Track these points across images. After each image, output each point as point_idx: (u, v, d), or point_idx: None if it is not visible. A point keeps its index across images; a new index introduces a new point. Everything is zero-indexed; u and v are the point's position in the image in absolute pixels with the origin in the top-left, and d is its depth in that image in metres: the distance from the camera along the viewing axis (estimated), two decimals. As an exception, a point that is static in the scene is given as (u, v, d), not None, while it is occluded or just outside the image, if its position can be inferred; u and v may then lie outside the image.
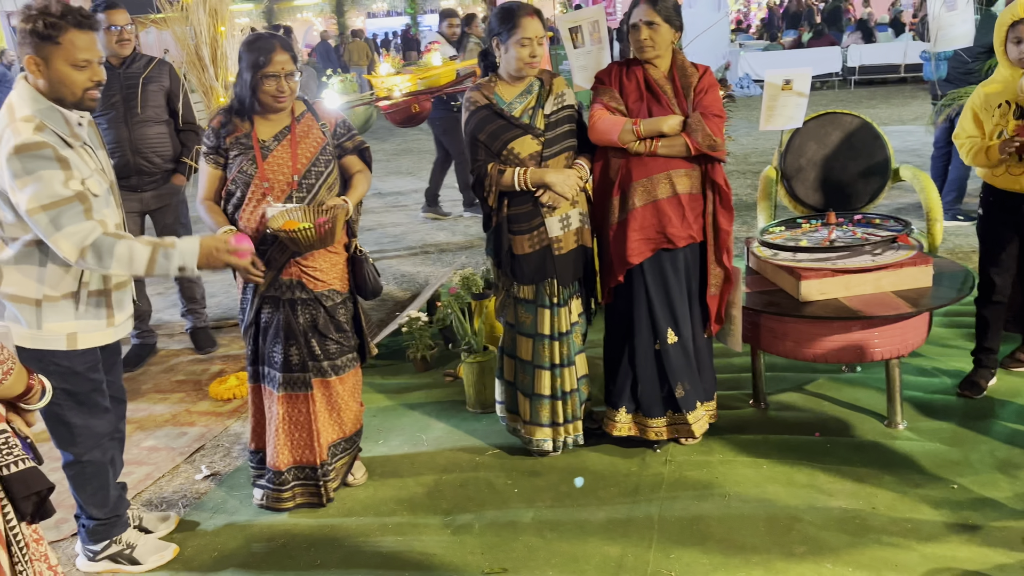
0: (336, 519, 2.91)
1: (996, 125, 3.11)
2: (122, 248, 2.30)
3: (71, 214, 2.25)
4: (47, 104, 2.31)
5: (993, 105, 3.13)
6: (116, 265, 2.31)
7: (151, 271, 2.35)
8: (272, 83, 2.68)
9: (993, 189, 3.23)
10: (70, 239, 2.25)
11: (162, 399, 4.06)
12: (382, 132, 12.51)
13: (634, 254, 2.97)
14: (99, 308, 2.47)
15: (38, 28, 2.23)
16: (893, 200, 6.57)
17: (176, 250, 2.38)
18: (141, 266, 2.34)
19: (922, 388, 3.50)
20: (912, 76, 14.04)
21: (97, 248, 2.27)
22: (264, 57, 2.65)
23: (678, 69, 2.97)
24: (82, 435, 2.54)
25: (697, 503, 2.82)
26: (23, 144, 2.21)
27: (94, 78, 2.33)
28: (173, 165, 4.28)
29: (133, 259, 2.33)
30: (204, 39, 3.53)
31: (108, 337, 2.52)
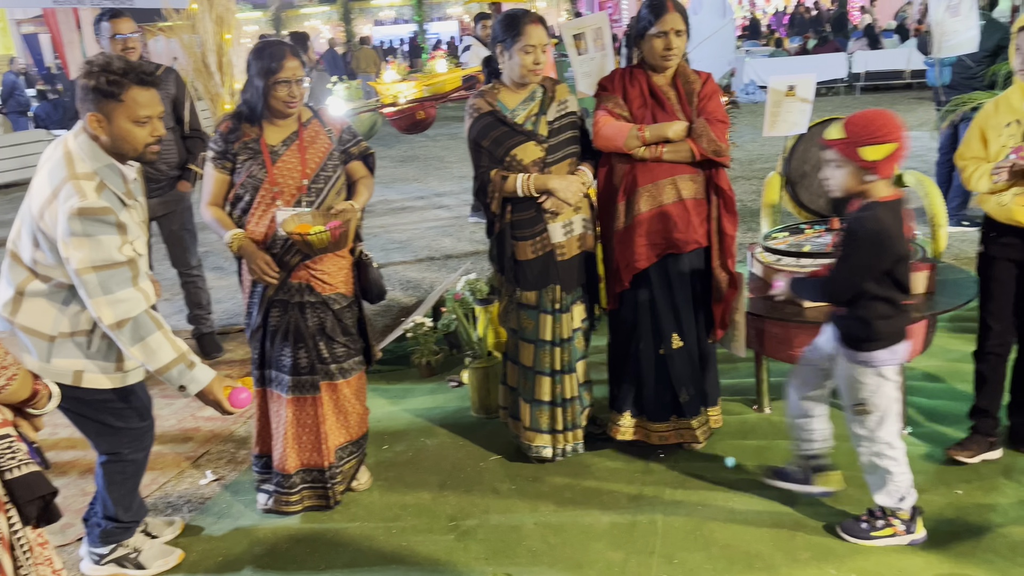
0: (341, 523, 2.92)
1: (1003, 147, 2.75)
2: (154, 341, 2.30)
3: (120, 279, 2.27)
4: (108, 161, 2.32)
5: (1001, 124, 2.77)
6: (139, 352, 2.30)
7: (159, 374, 2.34)
8: (284, 89, 2.71)
9: (994, 223, 2.85)
10: (114, 307, 2.26)
11: (168, 404, 4.07)
12: (388, 139, 12.55)
13: (640, 259, 2.98)
14: (109, 351, 2.45)
15: (100, 85, 2.23)
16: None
17: (191, 374, 2.37)
18: (157, 365, 2.33)
19: (926, 393, 3.49)
20: (917, 82, 14.03)
21: (136, 327, 2.28)
22: (276, 63, 2.69)
23: (681, 76, 2.99)
24: (126, 435, 2.57)
25: (701, 508, 2.82)
26: (88, 208, 2.22)
27: (155, 133, 2.34)
28: (178, 172, 4.30)
29: (156, 354, 2.31)
30: (210, 47, 3.57)
31: (115, 382, 2.49)
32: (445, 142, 12.74)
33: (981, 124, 2.85)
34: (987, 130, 2.82)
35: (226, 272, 6.40)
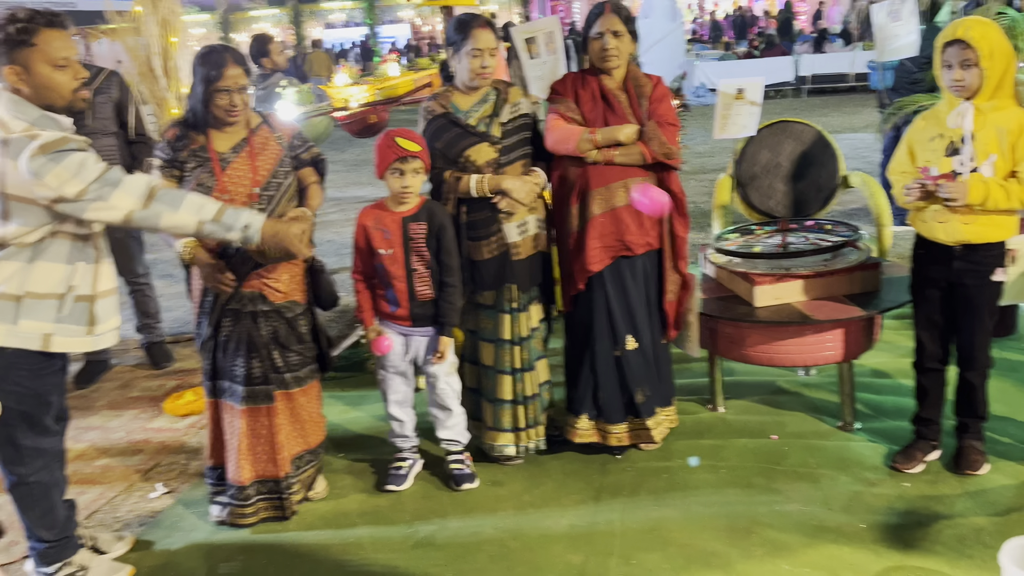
0: (297, 534, 2.87)
1: (926, 162, 2.73)
2: (192, 197, 2.31)
3: (116, 174, 2.23)
4: (39, 112, 2.25)
5: (927, 138, 2.76)
6: (185, 210, 2.29)
7: (218, 219, 2.34)
8: (224, 97, 2.66)
9: (922, 240, 2.83)
10: (129, 192, 2.22)
11: (116, 416, 3.97)
12: (341, 143, 12.43)
13: (594, 262, 3.00)
14: (82, 314, 2.41)
15: (10, 35, 2.18)
16: (844, 206, 6.72)
17: (244, 214, 2.39)
18: (210, 213, 2.32)
19: (875, 389, 3.57)
20: (861, 85, 14.40)
21: (165, 195, 2.26)
22: (216, 71, 2.64)
23: (632, 79, 3.02)
24: (30, 456, 2.48)
25: (658, 508, 2.84)
26: (47, 142, 2.16)
27: (78, 76, 2.28)
28: None
29: (203, 206, 2.32)
30: (156, 50, 3.49)
31: (85, 345, 2.45)
32: (399, 146, 12.66)
33: (910, 138, 2.84)
34: (915, 144, 2.82)
35: (176, 279, 6.26)
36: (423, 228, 2.91)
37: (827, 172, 4.23)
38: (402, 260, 2.91)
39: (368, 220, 2.95)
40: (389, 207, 2.94)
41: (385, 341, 2.96)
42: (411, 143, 2.82)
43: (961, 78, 2.62)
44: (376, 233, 2.92)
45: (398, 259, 2.91)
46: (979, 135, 2.64)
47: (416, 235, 2.90)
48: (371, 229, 2.93)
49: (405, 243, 2.90)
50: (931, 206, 2.72)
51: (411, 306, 2.94)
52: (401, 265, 2.91)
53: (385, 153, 2.83)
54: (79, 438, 3.72)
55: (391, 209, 2.93)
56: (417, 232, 2.90)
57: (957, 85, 2.64)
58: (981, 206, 2.61)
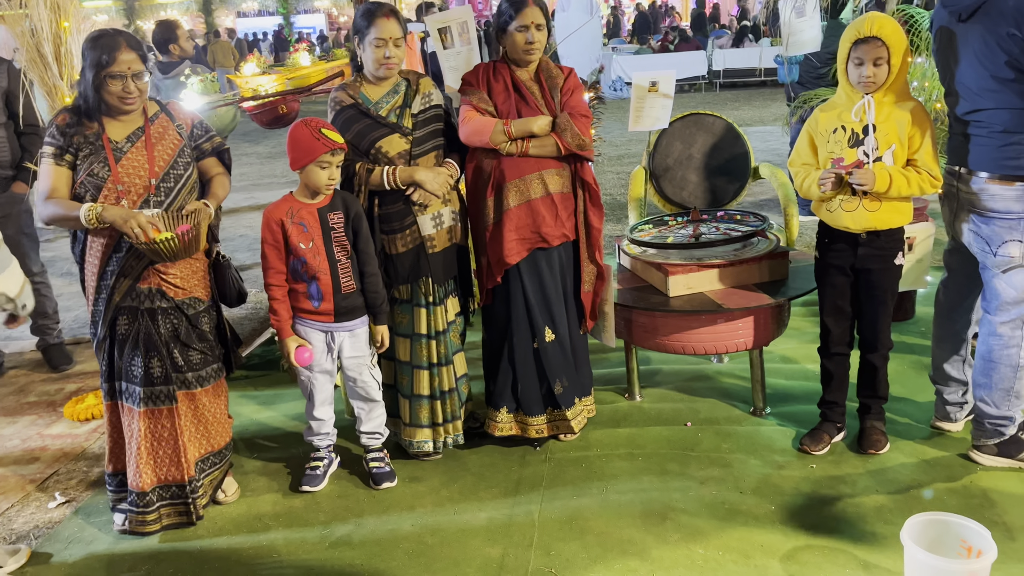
0: (207, 540, 2.77)
1: (830, 153, 2.82)
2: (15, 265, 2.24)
3: None
4: None
5: (828, 130, 2.84)
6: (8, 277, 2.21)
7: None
8: (117, 83, 2.52)
9: (827, 228, 2.92)
10: None
11: (10, 423, 3.75)
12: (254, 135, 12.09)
13: (511, 254, 2.99)
14: None
15: None
16: (754, 197, 6.92)
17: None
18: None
19: (784, 375, 3.68)
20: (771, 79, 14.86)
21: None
22: (108, 56, 2.50)
23: (544, 70, 3.01)
24: None
25: (576, 498, 2.85)
26: None
27: None
28: (13, 172, 3.96)
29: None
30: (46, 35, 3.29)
31: None
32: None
33: (810, 130, 2.91)
34: (815, 136, 2.89)
35: (75, 278, 5.97)
36: (340, 217, 2.83)
37: (738, 164, 4.34)
38: (324, 252, 2.81)
39: (281, 215, 2.81)
40: (301, 200, 2.83)
41: (306, 352, 2.86)
42: (337, 135, 2.73)
43: (872, 74, 2.71)
44: (294, 228, 2.80)
45: (320, 251, 2.81)
46: (881, 126, 2.74)
47: (336, 225, 2.82)
48: (287, 224, 2.80)
49: (325, 234, 2.81)
50: (838, 195, 2.81)
51: (336, 300, 2.85)
52: (324, 257, 2.82)
53: (312, 145, 2.70)
54: (-32, 447, 3.51)
55: (304, 201, 2.83)
56: (336, 222, 2.82)
57: (868, 81, 2.72)
58: (886, 193, 2.72)
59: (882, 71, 2.71)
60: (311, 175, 2.75)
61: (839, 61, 2.80)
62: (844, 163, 2.78)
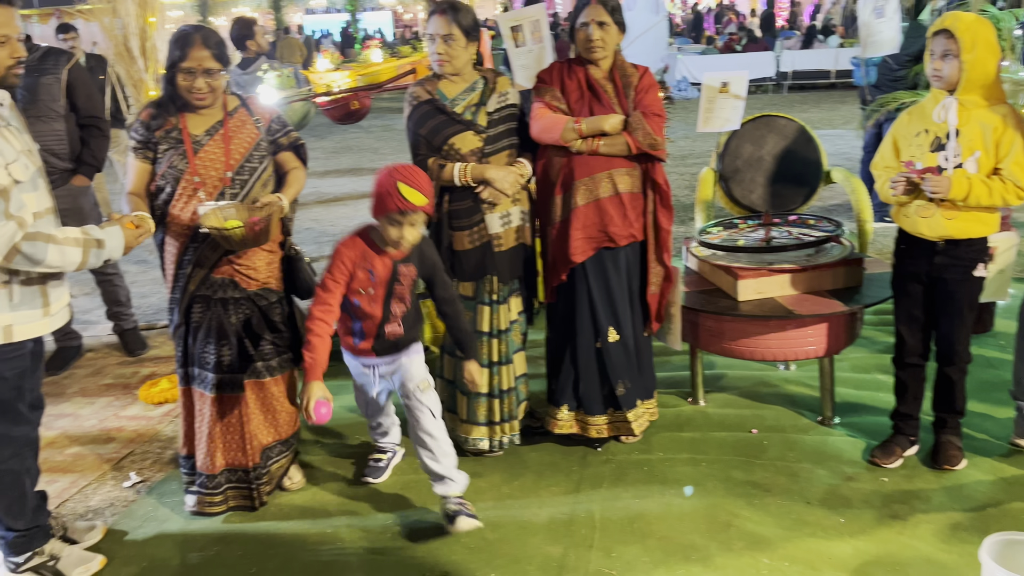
0: (274, 525, 2.83)
1: (911, 156, 2.74)
2: (53, 253, 2.26)
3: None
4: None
5: (912, 133, 2.76)
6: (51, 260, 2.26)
7: (82, 267, 2.35)
8: (188, 79, 2.61)
9: (904, 235, 2.83)
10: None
11: (88, 403, 3.90)
12: (320, 129, 12.32)
13: (576, 253, 2.98)
14: (34, 298, 2.36)
15: None
16: (823, 201, 6.75)
17: (105, 248, 2.36)
18: (73, 264, 2.31)
19: (854, 384, 3.59)
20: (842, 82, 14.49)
21: (29, 255, 2.21)
22: (181, 51, 2.59)
23: (618, 69, 2.99)
24: (2, 444, 2.42)
25: (638, 501, 2.83)
26: None
27: (14, 55, 2.22)
28: (73, 165, 3.93)
29: (65, 258, 2.29)
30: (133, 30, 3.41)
31: (45, 327, 2.41)
32: (379, 133, 12.58)
33: (895, 133, 2.83)
34: (899, 139, 2.81)
35: (151, 265, 6.17)
36: (412, 272, 2.66)
37: (810, 167, 4.23)
38: (381, 302, 2.64)
39: (354, 256, 2.59)
40: (378, 245, 2.60)
41: (323, 408, 2.55)
42: (417, 195, 2.45)
43: (939, 68, 2.64)
44: (361, 272, 2.60)
45: (377, 300, 2.64)
46: (964, 131, 2.64)
47: (404, 279, 2.65)
48: (356, 268, 2.60)
49: (389, 286, 2.63)
50: (915, 201, 2.72)
51: (376, 343, 2.71)
52: (379, 306, 2.64)
53: (385, 200, 2.47)
54: (50, 426, 3.65)
55: (381, 249, 2.60)
56: (406, 276, 2.65)
57: (935, 75, 2.66)
58: (964, 201, 2.62)
59: (950, 65, 2.62)
60: (383, 227, 2.55)
61: (925, 60, 2.72)
62: (921, 167, 2.70)
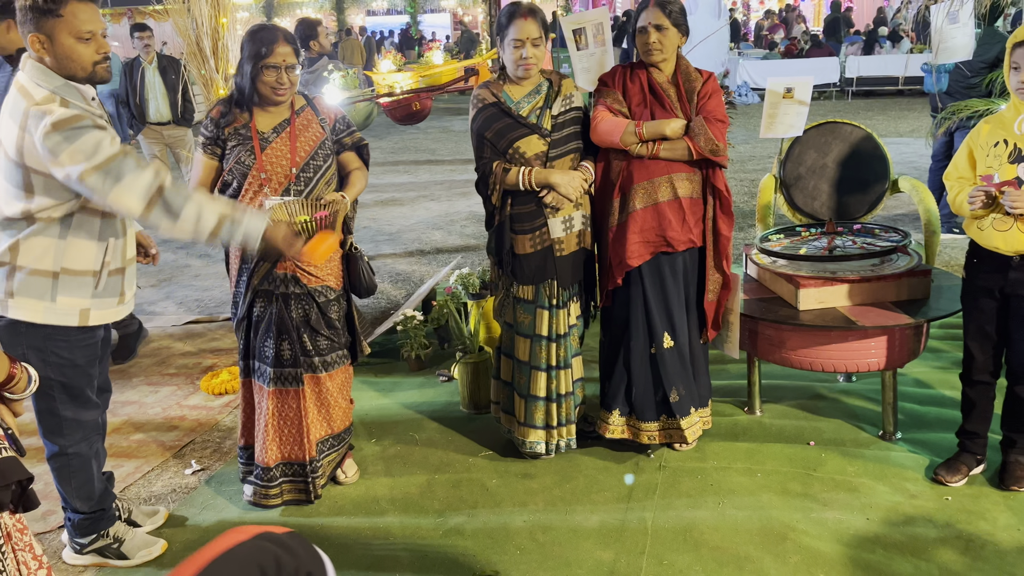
0: (326, 518, 2.88)
1: (988, 168, 2.65)
2: (191, 208, 2.25)
3: (125, 166, 2.19)
4: (62, 81, 2.25)
5: (990, 143, 2.66)
6: (182, 224, 2.25)
7: (216, 232, 2.29)
8: (272, 74, 2.66)
9: (976, 248, 2.75)
10: (133, 191, 2.19)
11: (152, 392, 4.02)
12: (379, 129, 12.48)
13: (633, 256, 2.96)
14: (115, 287, 2.45)
15: (38, 3, 2.18)
16: (890, 211, 6.59)
17: (242, 226, 2.33)
18: (207, 230, 2.28)
19: (917, 399, 3.49)
20: (909, 89, 14.11)
21: (167, 202, 2.22)
22: (266, 48, 2.64)
23: (682, 74, 2.97)
24: (70, 427, 2.51)
25: (691, 510, 2.80)
26: (60, 119, 2.15)
27: (101, 50, 2.28)
28: None
29: (201, 220, 2.27)
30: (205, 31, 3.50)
31: (119, 314, 2.50)
32: (437, 135, 12.68)
33: (971, 143, 2.76)
34: (976, 149, 2.73)
35: (213, 260, 6.34)
36: None
37: (876, 175, 4.14)
38: None
39: None
40: None
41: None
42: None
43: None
44: None
45: None
46: None
47: None
48: None
49: None
50: (991, 214, 2.64)
51: None
52: None
53: None
54: (116, 412, 3.78)
55: None
56: None
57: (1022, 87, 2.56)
58: None
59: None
60: None
61: (1005, 69, 2.64)
62: (998, 180, 2.61)
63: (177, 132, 6.75)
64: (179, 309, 5.29)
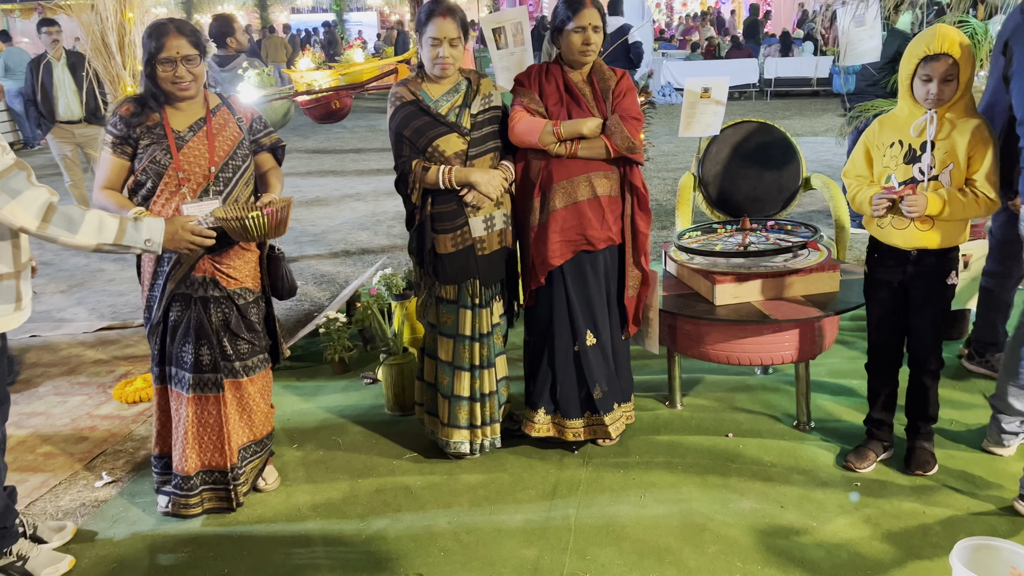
0: (246, 526, 2.81)
1: (885, 168, 2.76)
2: (92, 216, 2.25)
3: (15, 183, 2.16)
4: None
5: (886, 143, 2.76)
6: (84, 232, 2.24)
7: (119, 240, 2.32)
8: (169, 68, 2.58)
9: (876, 244, 2.86)
10: (25, 208, 2.16)
11: (61, 402, 3.85)
12: (303, 129, 12.26)
13: (555, 256, 2.98)
14: (9, 292, 2.34)
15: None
16: (802, 207, 6.81)
17: (143, 223, 2.35)
18: (111, 234, 2.29)
19: (830, 390, 3.61)
20: (823, 89, 14.62)
21: (64, 216, 2.20)
22: (156, 43, 2.57)
23: (596, 73, 3.00)
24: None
25: (613, 505, 2.83)
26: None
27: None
28: None
29: (103, 227, 2.27)
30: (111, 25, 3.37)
31: (16, 321, 2.40)
32: (363, 134, 12.53)
33: (867, 142, 2.83)
34: (872, 148, 2.82)
35: (128, 264, 6.12)
36: None
37: (789, 173, 4.27)
38: None
39: None
40: None
41: None
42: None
43: (942, 90, 2.62)
44: None
45: None
46: (939, 144, 2.66)
47: None
48: None
49: None
50: (890, 215, 2.74)
51: None
52: None
53: None
54: (22, 424, 3.61)
55: None
56: None
57: (935, 98, 2.63)
58: (939, 216, 2.65)
59: (950, 88, 2.62)
60: None
61: (903, 74, 2.71)
62: (897, 179, 2.71)
63: (89, 131, 6.50)
64: (91, 315, 5.09)
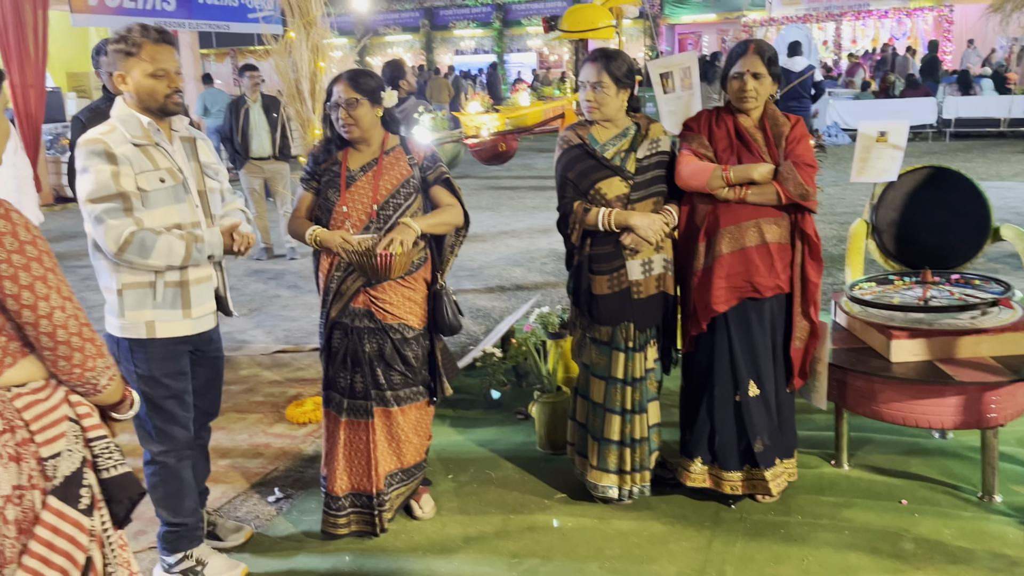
0: (403, 553, 2.90)
1: None
2: (162, 243, 2.49)
3: (112, 209, 2.43)
4: (129, 112, 2.54)
5: None
6: (156, 256, 2.48)
7: (187, 261, 2.54)
8: (335, 112, 2.84)
9: None
10: (109, 234, 2.43)
11: (240, 419, 4.15)
12: (465, 167, 12.70)
13: (719, 302, 2.92)
14: (176, 299, 2.59)
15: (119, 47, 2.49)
16: (988, 258, 6.30)
17: (205, 244, 2.58)
18: (179, 257, 2.52)
19: (1020, 460, 3.30)
20: (1012, 132, 13.54)
21: (140, 242, 2.44)
22: (329, 89, 2.86)
23: (769, 119, 2.94)
24: (159, 437, 2.65)
25: (773, 565, 2.71)
26: (86, 139, 2.47)
27: (171, 85, 2.53)
28: None
29: (172, 251, 2.50)
30: (305, 74, 3.67)
31: (187, 328, 2.63)
32: (519, 172, 12.82)
33: None
34: None
35: (302, 291, 6.54)
36: None
37: (975, 223, 3.97)
38: None
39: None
40: None
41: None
42: None
43: None
44: None
45: None
46: None
47: None
48: None
49: None
50: None
51: None
52: None
53: None
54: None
55: None
56: None
57: None
58: None
59: None
60: None
61: None
62: None
63: (276, 167, 7.10)
64: (268, 338, 5.47)
